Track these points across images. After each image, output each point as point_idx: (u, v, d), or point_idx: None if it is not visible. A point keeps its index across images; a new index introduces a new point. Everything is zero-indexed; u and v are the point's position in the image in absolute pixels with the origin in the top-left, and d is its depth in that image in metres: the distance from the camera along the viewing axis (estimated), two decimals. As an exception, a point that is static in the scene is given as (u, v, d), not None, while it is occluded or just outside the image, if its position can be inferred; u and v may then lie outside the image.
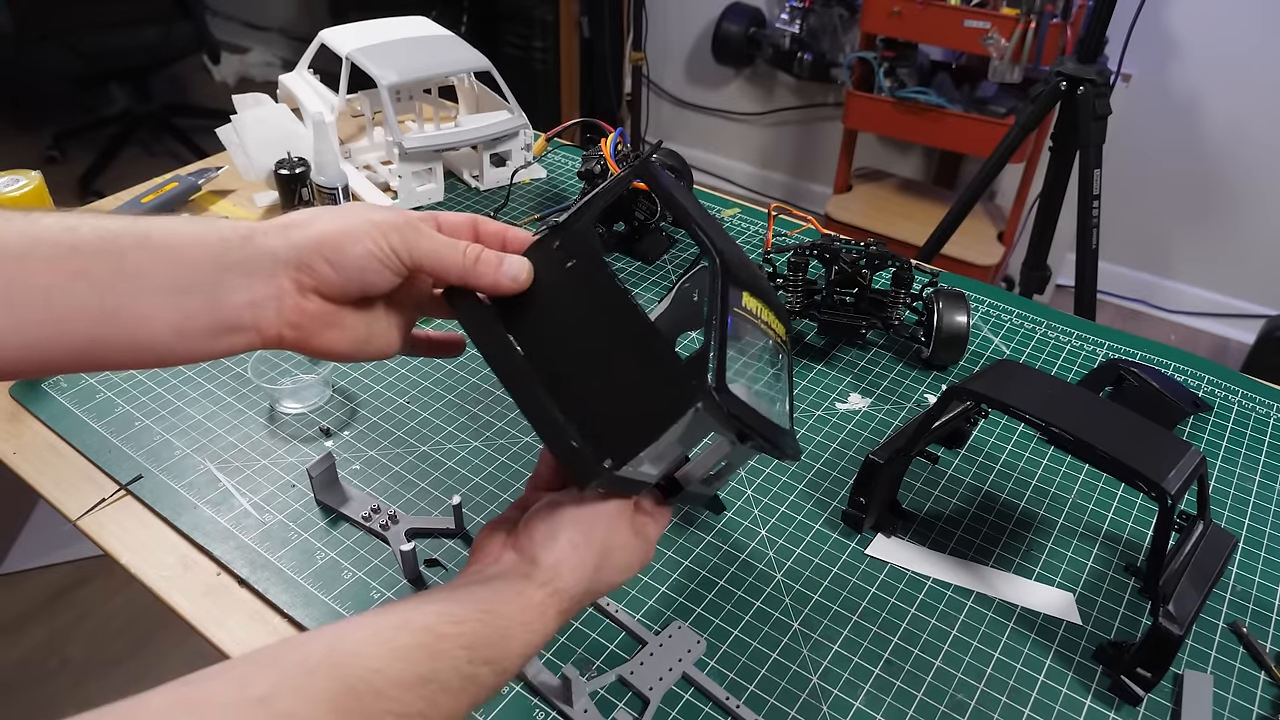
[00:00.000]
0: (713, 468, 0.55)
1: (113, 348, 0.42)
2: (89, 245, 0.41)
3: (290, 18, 3.94)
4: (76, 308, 0.41)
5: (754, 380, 0.51)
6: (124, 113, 3.27)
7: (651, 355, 0.47)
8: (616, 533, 0.50)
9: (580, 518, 0.49)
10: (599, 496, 0.50)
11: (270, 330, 0.45)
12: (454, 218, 0.52)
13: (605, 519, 0.50)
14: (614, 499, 0.50)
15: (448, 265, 0.48)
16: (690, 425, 0.46)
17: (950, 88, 2.39)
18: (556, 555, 0.48)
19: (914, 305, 0.98)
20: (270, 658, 0.38)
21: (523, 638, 0.45)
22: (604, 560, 0.49)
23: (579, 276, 0.50)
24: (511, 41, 2.83)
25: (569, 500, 0.50)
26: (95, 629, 1.72)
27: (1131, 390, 0.92)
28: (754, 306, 0.51)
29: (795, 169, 3.11)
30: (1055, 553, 0.77)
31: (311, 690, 0.36)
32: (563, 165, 1.34)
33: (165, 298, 0.42)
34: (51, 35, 2.85)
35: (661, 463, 0.49)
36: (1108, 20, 1.61)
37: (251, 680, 0.36)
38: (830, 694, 0.65)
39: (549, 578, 0.47)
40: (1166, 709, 0.65)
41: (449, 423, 0.88)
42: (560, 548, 0.48)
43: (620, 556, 0.51)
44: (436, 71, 1.22)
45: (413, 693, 0.39)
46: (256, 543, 0.75)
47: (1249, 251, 2.50)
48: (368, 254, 0.45)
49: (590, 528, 0.49)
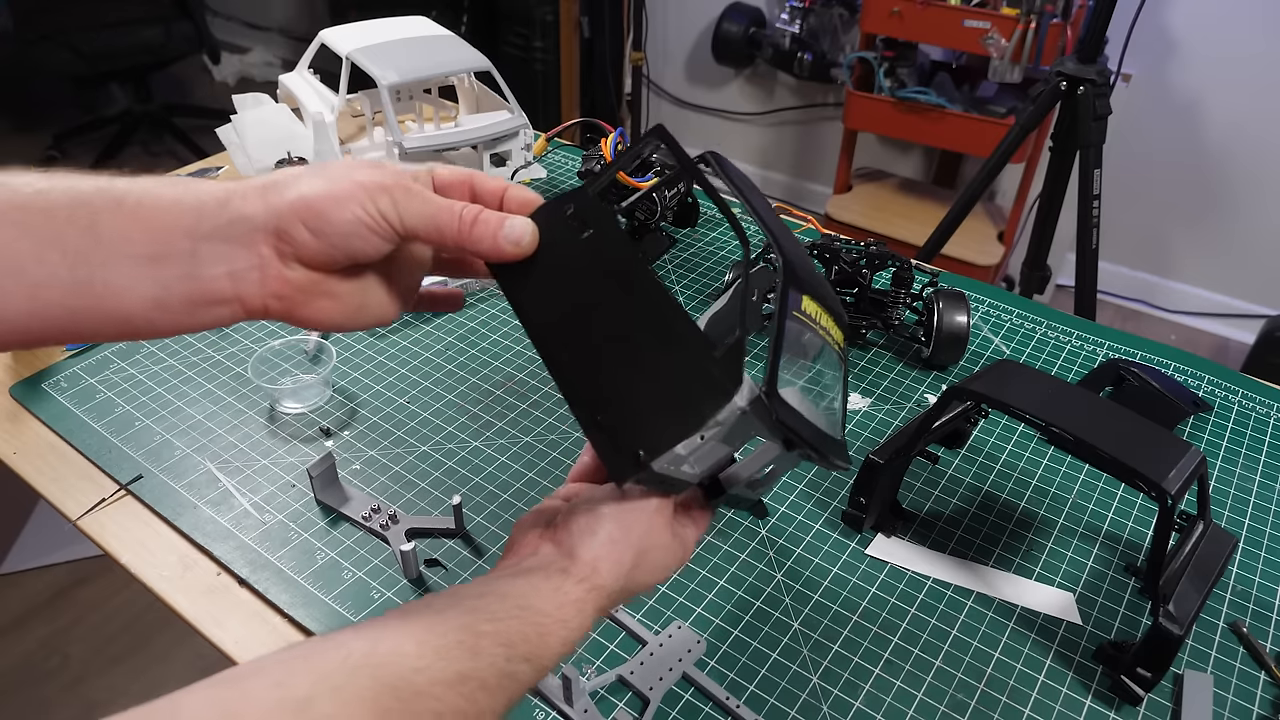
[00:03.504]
0: (758, 472, 0.54)
1: (89, 319, 0.40)
2: (61, 209, 0.39)
3: (290, 18, 3.94)
4: (49, 279, 0.38)
5: (808, 388, 0.50)
6: (124, 113, 3.28)
7: (687, 343, 0.44)
8: (656, 532, 0.49)
9: (621, 514, 0.48)
10: (640, 494, 0.49)
11: (254, 302, 0.42)
12: (450, 174, 0.47)
13: (645, 517, 0.48)
14: (655, 497, 0.49)
15: (444, 229, 0.44)
16: (735, 426, 0.44)
17: (950, 88, 2.39)
18: (595, 551, 0.47)
19: (914, 305, 0.98)
20: (306, 656, 0.37)
21: (560, 634, 0.44)
22: (641, 559, 0.48)
23: (596, 248, 0.46)
24: (511, 41, 2.83)
25: (610, 496, 0.49)
26: (95, 629, 1.72)
27: (1131, 390, 0.92)
28: (813, 311, 0.49)
29: (795, 169, 3.11)
30: (1055, 553, 0.77)
31: (352, 690, 0.36)
32: (563, 165, 1.34)
33: (141, 269, 0.40)
34: (51, 35, 2.85)
35: (704, 463, 0.47)
36: (1108, 20, 1.61)
37: (289, 681, 0.35)
38: (830, 694, 0.65)
39: (587, 574, 0.46)
40: (1166, 709, 0.65)
41: (449, 423, 0.88)
42: (599, 543, 0.47)
43: (657, 556, 0.49)
44: (436, 71, 1.22)
45: (453, 691, 0.38)
46: (257, 543, 0.75)
47: (1249, 251, 2.50)
48: (355, 220, 0.41)
49: (630, 525, 0.48)
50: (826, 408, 0.52)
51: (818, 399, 0.51)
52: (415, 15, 1.30)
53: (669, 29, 3.05)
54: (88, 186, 0.40)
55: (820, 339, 0.50)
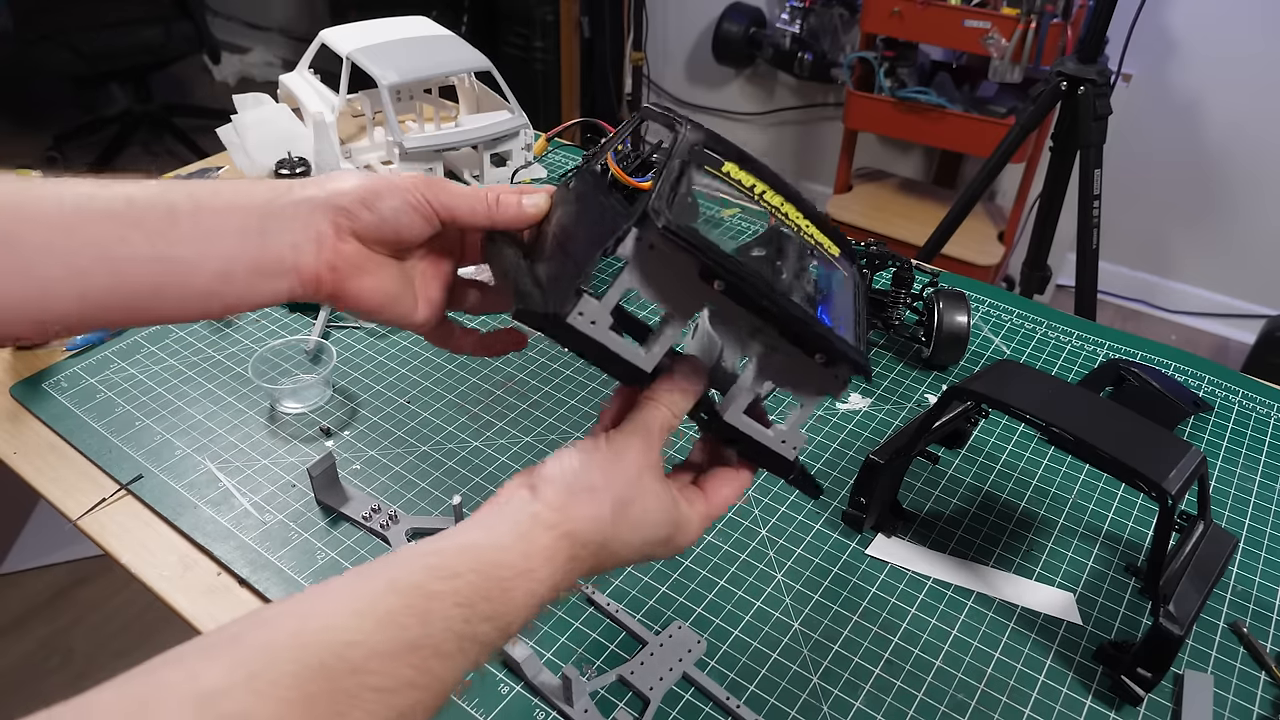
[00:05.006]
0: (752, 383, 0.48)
1: (164, 295, 0.44)
2: (143, 198, 0.44)
3: (290, 18, 3.94)
4: (131, 257, 0.43)
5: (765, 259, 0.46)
6: (124, 113, 3.28)
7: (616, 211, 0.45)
8: (640, 484, 0.45)
9: (601, 461, 0.45)
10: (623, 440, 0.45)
11: (309, 271, 0.46)
12: None
13: (628, 465, 0.45)
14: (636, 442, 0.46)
15: (476, 209, 0.50)
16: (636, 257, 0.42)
17: (950, 88, 2.39)
18: (568, 496, 0.43)
19: (914, 305, 0.98)
20: (234, 638, 0.35)
21: (526, 588, 0.41)
22: (624, 511, 0.44)
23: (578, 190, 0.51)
24: (511, 41, 2.83)
25: (590, 437, 0.47)
26: (95, 629, 1.72)
27: (1132, 390, 0.92)
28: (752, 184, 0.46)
29: (795, 169, 3.11)
30: (1055, 553, 0.77)
31: (271, 676, 0.33)
32: (563, 165, 1.34)
33: (216, 244, 0.44)
34: (51, 35, 2.85)
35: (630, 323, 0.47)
36: (1108, 20, 1.61)
37: (205, 670, 0.33)
38: (830, 694, 0.65)
39: (558, 520, 0.43)
40: (1167, 709, 0.65)
41: (449, 423, 0.88)
42: (573, 488, 0.44)
43: (642, 511, 0.45)
44: (437, 71, 1.22)
45: (399, 662, 0.36)
46: (257, 542, 0.75)
47: (1249, 251, 2.50)
48: (403, 203, 0.48)
49: (611, 473, 0.45)
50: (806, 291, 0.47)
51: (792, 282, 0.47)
52: (415, 15, 1.30)
53: (669, 29, 3.05)
54: (162, 183, 0.45)
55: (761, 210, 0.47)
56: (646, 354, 0.46)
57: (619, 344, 0.45)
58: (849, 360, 0.47)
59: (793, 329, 0.46)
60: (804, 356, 0.47)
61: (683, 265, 0.43)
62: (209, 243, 0.44)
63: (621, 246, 0.42)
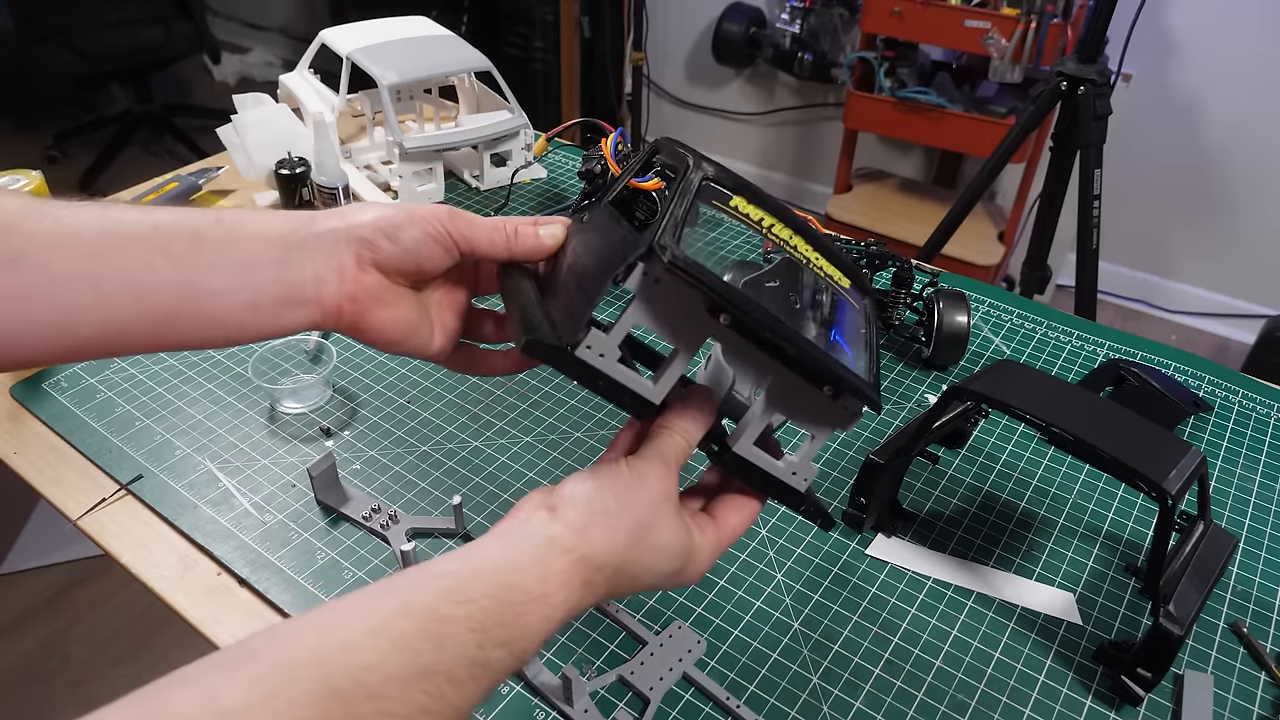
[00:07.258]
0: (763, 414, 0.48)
1: (188, 323, 0.44)
2: (168, 224, 0.44)
3: (290, 18, 3.94)
4: (156, 283, 0.43)
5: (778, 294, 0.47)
6: (124, 113, 3.28)
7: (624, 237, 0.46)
8: (658, 510, 0.45)
9: (619, 487, 0.45)
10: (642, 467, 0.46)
11: (330, 302, 0.47)
12: None
13: (646, 492, 0.45)
14: (656, 469, 0.46)
15: (495, 240, 0.51)
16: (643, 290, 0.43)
17: (950, 88, 2.39)
18: (587, 519, 0.44)
19: (914, 305, 0.98)
20: (250, 655, 0.35)
21: (541, 613, 0.41)
22: (640, 537, 0.44)
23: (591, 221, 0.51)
24: (511, 41, 2.83)
25: (609, 462, 0.47)
26: (95, 629, 1.72)
27: (1132, 390, 0.92)
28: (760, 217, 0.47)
29: (795, 169, 3.11)
30: (1055, 553, 0.77)
31: (288, 695, 0.33)
32: (563, 165, 1.34)
33: (239, 274, 0.45)
34: (51, 35, 2.85)
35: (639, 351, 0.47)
36: (1108, 20, 1.61)
37: (221, 690, 0.33)
38: (830, 694, 0.65)
39: (576, 542, 0.43)
40: (1167, 709, 0.65)
41: (449, 423, 0.88)
42: (592, 511, 0.44)
43: (658, 539, 0.45)
44: (437, 71, 1.22)
45: (412, 688, 0.36)
46: (257, 542, 0.75)
47: (1249, 251, 2.50)
48: (424, 234, 0.48)
49: (628, 499, 0.45)
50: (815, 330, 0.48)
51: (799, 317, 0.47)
52: (415, 15, 1.30)
53: (669, 29, 3.05)
54: (187, 210, 0.46)
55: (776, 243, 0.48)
56: (655, 386, 0.47)
57: (628, 376, 0.46)
58: (857, 392, 0.47)
59: (800, 362, 0.46)
60: (812, 389, 0.47)
61: (689, 299, 0.44)
62: (235, 272, 0.45)
63: (629, 280, 0.43)
